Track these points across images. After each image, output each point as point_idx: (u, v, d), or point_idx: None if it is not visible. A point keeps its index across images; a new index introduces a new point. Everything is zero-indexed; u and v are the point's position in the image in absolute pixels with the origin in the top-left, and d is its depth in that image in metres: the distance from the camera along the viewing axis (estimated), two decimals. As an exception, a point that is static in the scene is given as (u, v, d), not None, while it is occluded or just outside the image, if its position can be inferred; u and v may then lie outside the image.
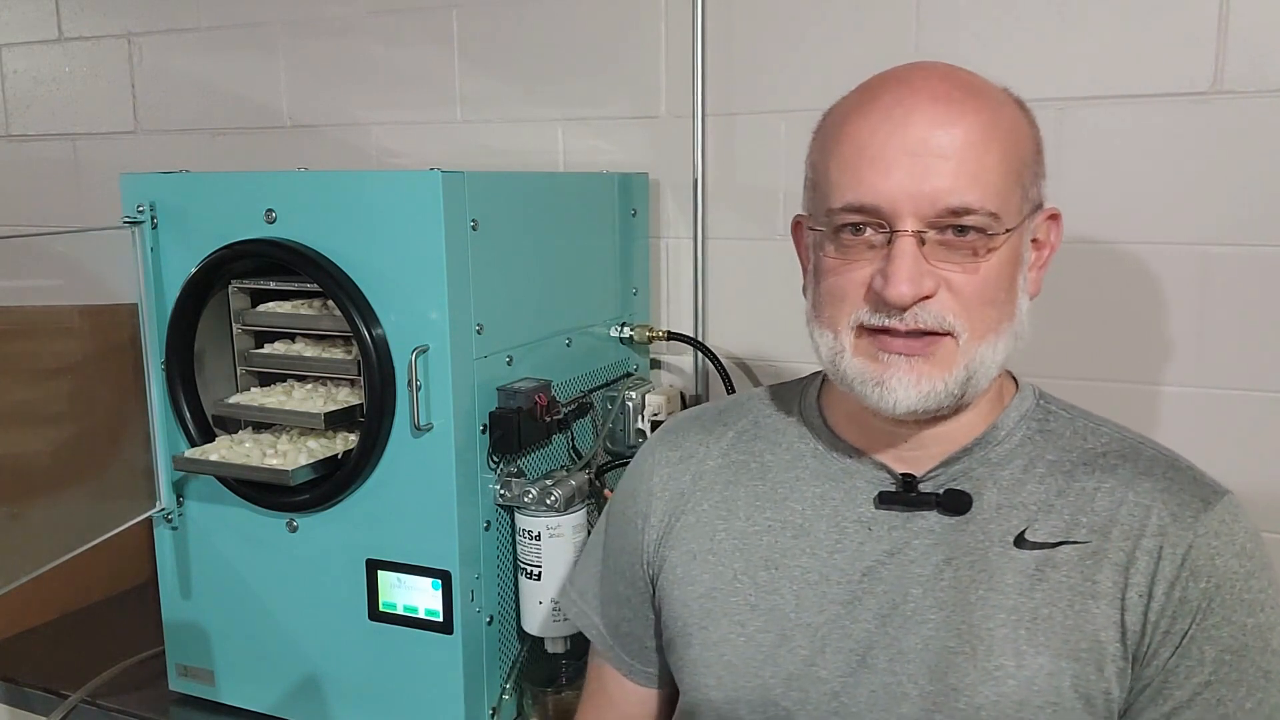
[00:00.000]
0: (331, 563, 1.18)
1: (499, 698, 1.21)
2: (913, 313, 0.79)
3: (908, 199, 0.77)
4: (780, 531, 0.91)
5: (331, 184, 1.12)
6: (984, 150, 0.78)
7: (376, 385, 1.10)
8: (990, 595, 0.82)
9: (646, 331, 1.47)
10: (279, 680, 1.24)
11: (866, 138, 0.80)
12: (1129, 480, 0.84)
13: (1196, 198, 1.25)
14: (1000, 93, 0.84)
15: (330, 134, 1.77)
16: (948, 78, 0.82)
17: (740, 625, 0.89)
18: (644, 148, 1.54)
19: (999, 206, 0.79)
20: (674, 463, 1.00)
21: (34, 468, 1.23)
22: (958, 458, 0.87)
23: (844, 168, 0.81)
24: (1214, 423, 1.28)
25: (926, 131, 0.78)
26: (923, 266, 0.78)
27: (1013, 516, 0.84)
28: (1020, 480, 0.86)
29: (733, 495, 0.95)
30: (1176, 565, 0.79)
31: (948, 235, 0.79)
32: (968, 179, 0.77)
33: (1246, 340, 1.25)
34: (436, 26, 1.65)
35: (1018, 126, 0.83)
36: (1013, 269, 0.82)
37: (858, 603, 0.86)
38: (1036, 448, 0.88)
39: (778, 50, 1.43)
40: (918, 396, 0.81)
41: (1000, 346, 0.82)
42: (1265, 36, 1.20)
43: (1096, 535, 0.82)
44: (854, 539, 0.88)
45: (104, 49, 1.94)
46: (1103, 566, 0.81)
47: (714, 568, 0.92)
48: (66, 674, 1.38)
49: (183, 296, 1.18)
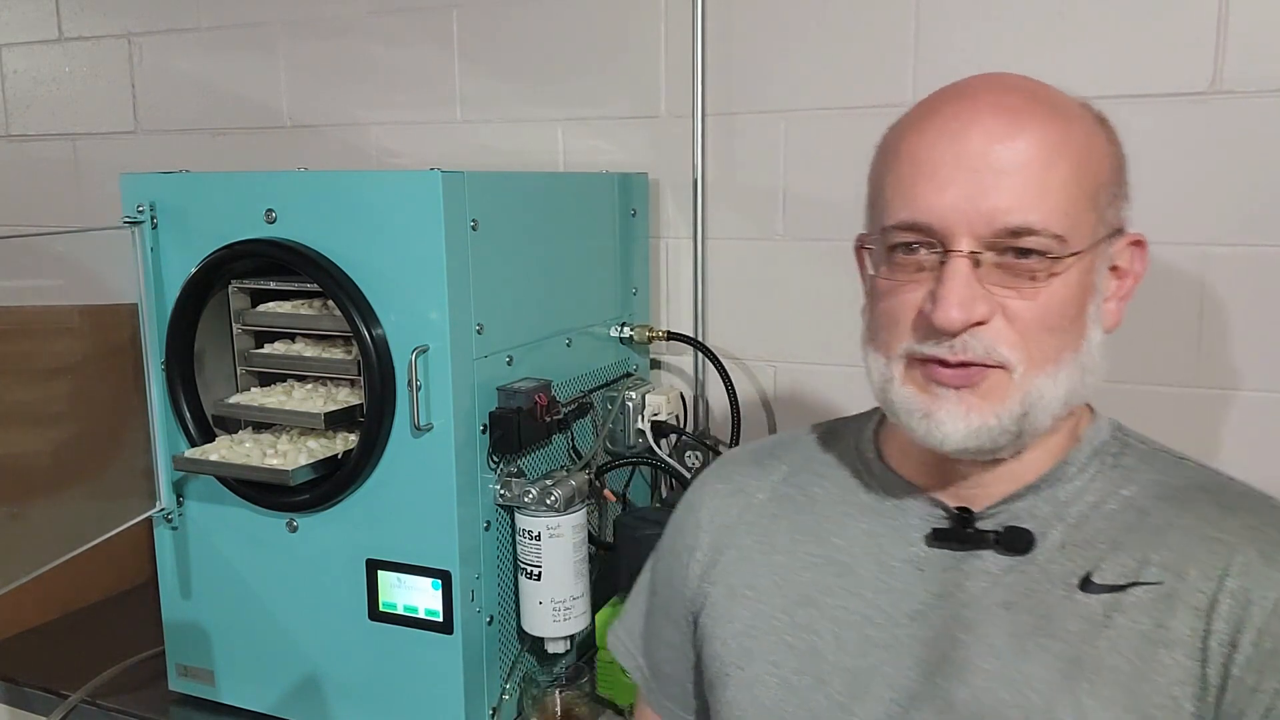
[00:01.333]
0: (331, 563, 1.18)
1: (499, 698, 1.21)
2: (963, 340, 0.73)
3: (963, 217, 0.72)
4: (823, 568, 0.85)
5: (331, 184, 1.12)
6: (1050, 166, 0.72)
7: (376, 385, 1.10)
8: (1051, 644, 0.74)
9: (646, 331, 1.47)
10: (279, 680, 1.24)
11: (923, 152, 0.75)
12: (1211, 516, 0.75)
13: (1196, 197, 1.25)
14: (1075, 105, 0.78)
15: (330, 134, 1.77)
16: (1014, 88, 0.76)
17: (775, 665, 0.84)
18: (644, 147, 1.54)
19: (1065, 229, 0.72)
20: (722, 495, 0.94)
21: (34, 468, 1.23)
22: (1021, 494, 0.80)
23: (898, 184, 0.76)
24: (1214, 423, 1.28)
25: (985, 145, 0.72)
26: (977, 290, 0.72)
27: (1078, 557, 0.77)
28: (1089, 518, 0.78)
29: (775, 529, 0.89)
30: (1267, 612, 0.70)
31: (1007, 258, 0.72)
32: (1030, 197, 0.71)
33: (1246, 340, 1.25)
34: (436, 26, 1.65)
35: (1092, 142, 0.76)
36: (1080, 297, 0.75)
37: (903, 648, 0.79)
38: (1110, 483, 0.80)
39: (778, 50, 1.43)
40: (967, 432, 0.74)
41: (1062, 379, 0.75)
42: (1265, 36, 1.20)
43: (1170, 574, 0.73)
44: (902, 579, 0.81)
45: (104, 49, 1.94)
46: (1177, 610, 0.72)
47: (753, 605, 0.87)
48: (66, 674, 1.38)
49: (183, 296, 1.18)
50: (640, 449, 1.44)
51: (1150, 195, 1.26)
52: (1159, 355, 1.29)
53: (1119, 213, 0.78)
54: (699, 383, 1.55)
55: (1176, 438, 1.32)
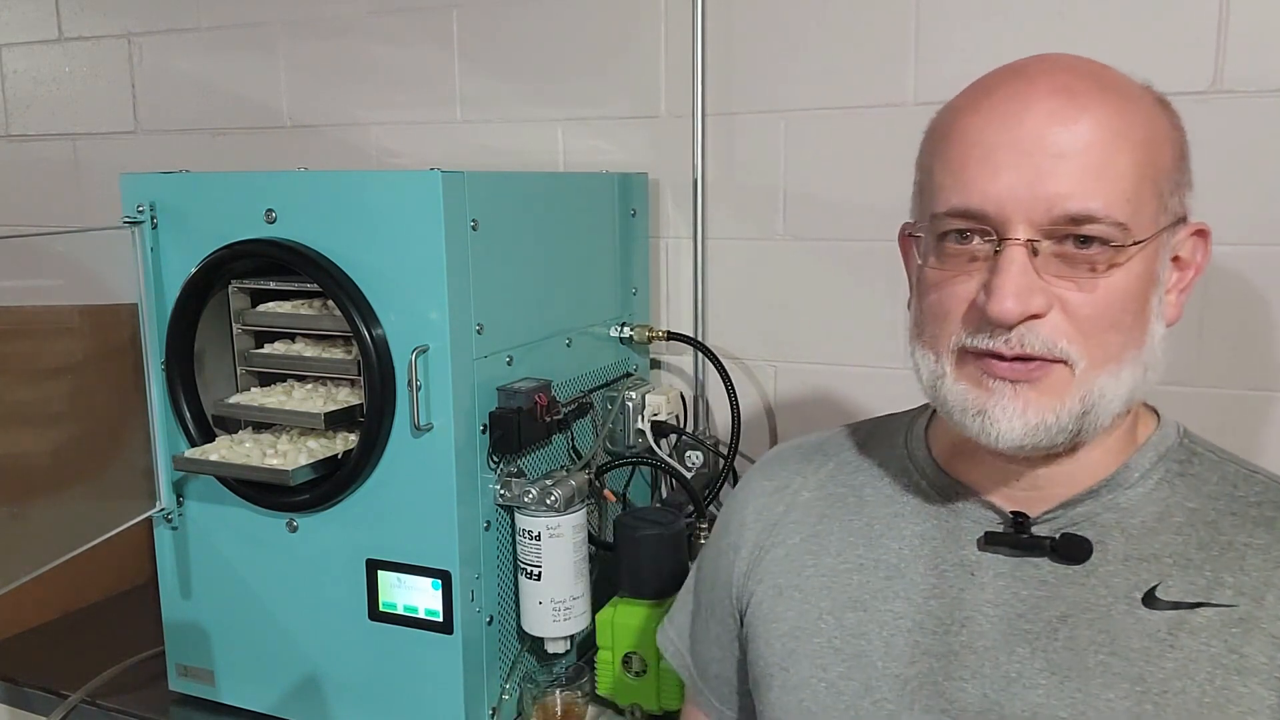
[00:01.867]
0: (331, 563, 1.18)
1: (499, 698, 1.21)
2: (1019, 334, 0.69)
3: (1019, 203, 0.68)
4: (872, 571, 0.82)
5: (331, 184, 1.12)
6: (1112, 150, 0.68)
7: (376, 385, 1.10)
8: (1112, 661, 0.71)
9: (646, 331, 1.47)
10: (279, 680, 1.24)
11: (976, 136, 0.71)
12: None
13: (1196, 197, 1.25)
14: (1137, 87, 0.74)
15: (330, 134, 1.77)
16: (1072, 69, 0.72)
17: (822, 669, 0.81)
18: (644, 147, 1.54)
19: (1128, 216, 0.68)
20: (768, 493, 0.92)
21: (34, 468, 1.23)
22: (1080, 499, 0.76)
23: (950, 169, 0.72)
24: (1214, 423, 1.28)
25: (1043, 128, 0.68)
26: (1034, 281, 0.68)
27: (1142, 570, 0.73)
28: (1153, 529, 0.75)
29: (825, 530, 0.87)
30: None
31: (1066, 246, 0.69)
32: (1091, 182, 0.68)
33: (1246, 340, 1.25)
34: (436, 26, 1.65)
35: (1155, 126, 0.72)
36: (1144, 289, 0.71)
37: (955, 657, 0.76)
38: (1176, 493, 0.76)
39: (778, 50, 1.43)
40: (1024, 430, 0.71)
41: (1125, 377, 0.71)
42: (1265, 36, 1.20)
43: (1246, 599, 0.70)
44: (954, 584, 0.78)
45: (104, 49, 1.94)
46: (1253, 636, 0.69)
47: (799, 605, 0.84)
48: (66, 674, 1.38)
49: (183, 296, 1.18)
50: (640, 449, 1.44)
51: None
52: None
53: (1182, 200, 0.75)
54: (699, 383, 1.55)
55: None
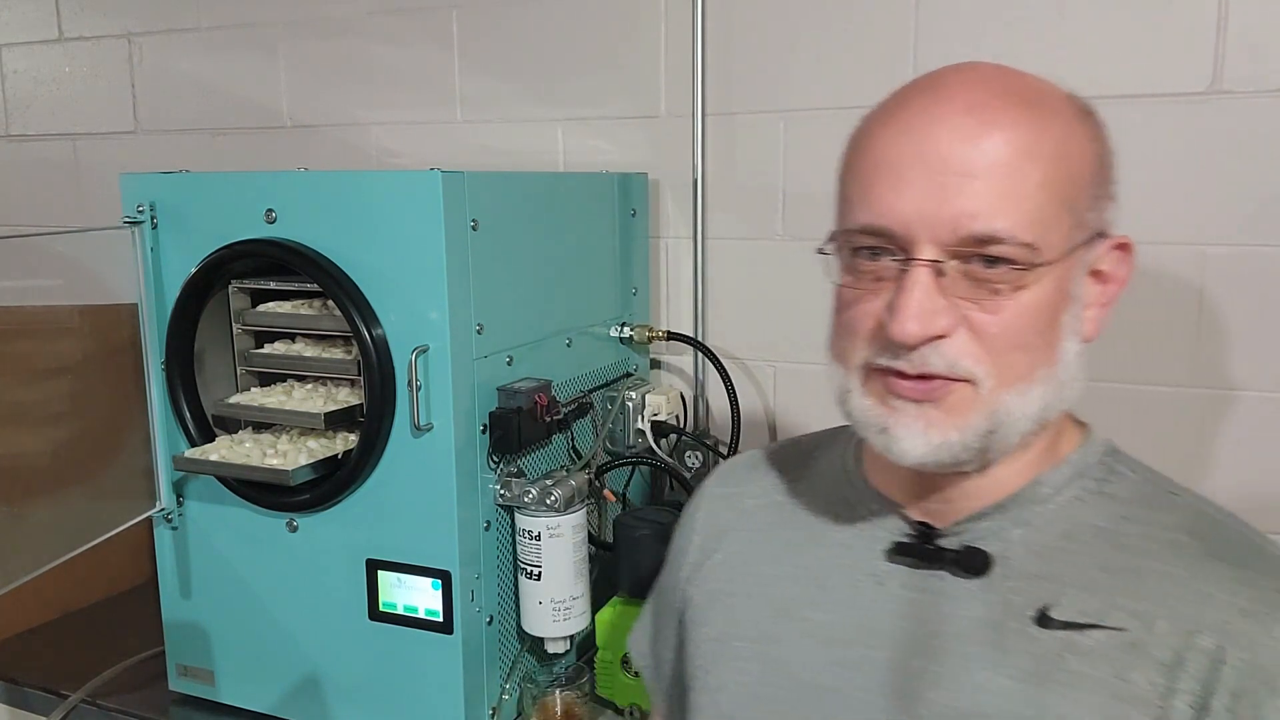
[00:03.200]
0: (331, 563, 1.18)
1: (499, 698, 1.21)
2: (922, 354, 0.68)
3: (925, 223, 0.67)
4: (800, 580, 0.83)
5: (331, 184, 1.12)
6: (1021, 169, 0.67)
7: (376, 385, 1.10)
8: (1000, 680, 0.70)
9: (646, 331, 1.47)
10: (279, 680, 1.24)
11: (885, 151, 0.70)
12: (1194, 561, 0.70)
13: (1195, 197, 1.25)
14: (1058, 99, 0.72)
15: (330, 134, 1.77)
16: (987, 83, 0.71)
17: (741, 674, 0.82)
18: (644, 147, 1.54)
19: (1036, 236, 0.67)
20: (718, 498, 0.94)
21: (34, 468, 1.23)
22: (988, 513, 0.75)
23: (860, 184, 0.72)
24: (1213, 423, 1.28)
25: (951, 146, 0.67)
26: (938, 302, 0.67)
27: (1040, 588, 0.72)
28: (1059, 547, 0.73)
29: (764, 538, 0.87)
30: (1244, 674, 0.64)
31: (973, 266, 0.67)
32: (998, 202, 0.66)
33: (1245, 340, 1.25)
34: (436, 26, 1.65)
35: (1071, 140, 0.71)
36: (1054, 309, 0.70)
37: (862, 669, 0.76)
38: (1087, 511, 0.75)
39: (778, 50, 1.43)
40: (926, 448, 0.70)
41: (1034, 396, 0.70)
42: (1265, 36, 1.20)
43: (1137, 623, 0.68)
44: (867, 594, 0.78)
45: (104, 49, 1.94)
46: (1139, 663, 0.67)
47: (729, 611, 0.85)
48: (66, 674, 1.38)
49: (183, 296, 1.18)
50: (640, 449, 1.44)
51: (1149, 195, 1.27)
52: (1157, 355, 1.29)
53: (1101, 215, 0.73)
54: (699, 383, 1.55)
55: (1174, 438, 1.33)
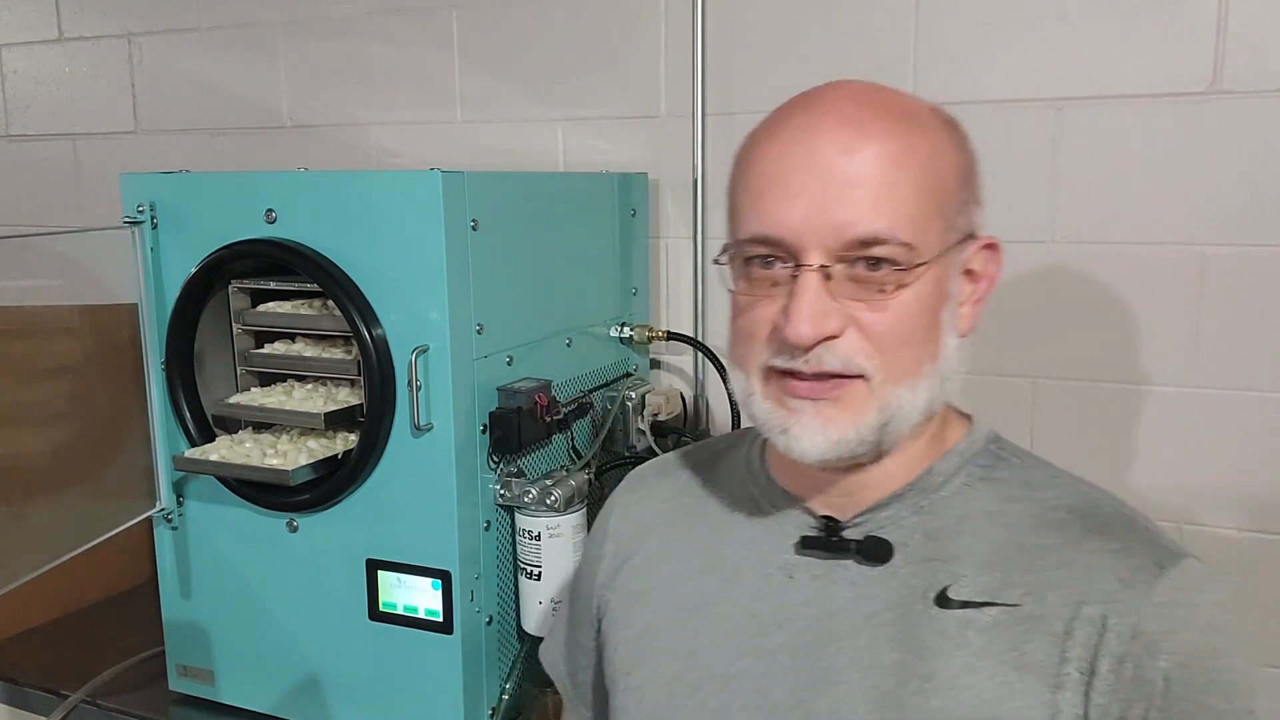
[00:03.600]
0: (331, 563, 1.18)
1: (499, 698, 1.21)
2: (817, 354, 0.73)
3: (812, 230, 0.72)
4: (710, 575, 0.86)
5: (331, 184, 1.12)
6: (896, 176, 0.72)
7: (376, 385, 1.10)
8: (906, 659, 0.74)
9: (646, 331, 1.47)
10: (279, 680, 1.24)
11: (772, 165, 0.75)
12: (1076, 538, 0.75)
13: (1194, 197, 1.25)
14: (925, 114, 0.78)
15: (330, 134, 1.77)
16: (859, 99, 0.76)
17: (659, 670, 0.85)
18: (644, 147, 1.54)
19: (913, 237, 0.72)
20: (629, 504, 0.97)
21: (34, 468, 1.23)
22: (887, 503, 0.80)
23: (749, 197, 0.76)
24: (1211, 423, 1.28)
25: (832, 157, 0.73)
26: (828, 304, 0.72)
27: (939, 571, 0.77)
28: (954, 532, 0.78)
29: (674, 538, 0.91)
30: (1126, 639, 0.70)
31: (858, 269, 0.73)
32: (877, 207, 0.72)
33: (1244, 340, 1.25)
34: (436, 26, 1.65)
35: (939, 151, 0.76)
36: (935, 305, 0.75)
37: (772, 657, 0.80)
38: (977, 497, 0.80)
39: (778, 50, 1.43)
40: (825, 445, 0.75)
41: (921, 389, 0.75)
42: (1264, 36, 1.20)
43: (1030, 598, 0.73)
44: (776, 587, 0.82)
45: (104, 49, 1.94)
46: (1034, 635, 0.72)
47: (646, 612, 0.89)
48: (66, 674, 1.38)
49: (183, 296, 1.18)
50: (640, 449, 1.44)
51: (1149, 195, 1.27)
52: (1156, 355, 1.29)
53: (970, 218, 0.78)
54: (699, 383, 1.55)
55: (1173, 438, 1.33)
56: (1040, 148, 1.31)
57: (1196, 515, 1.30)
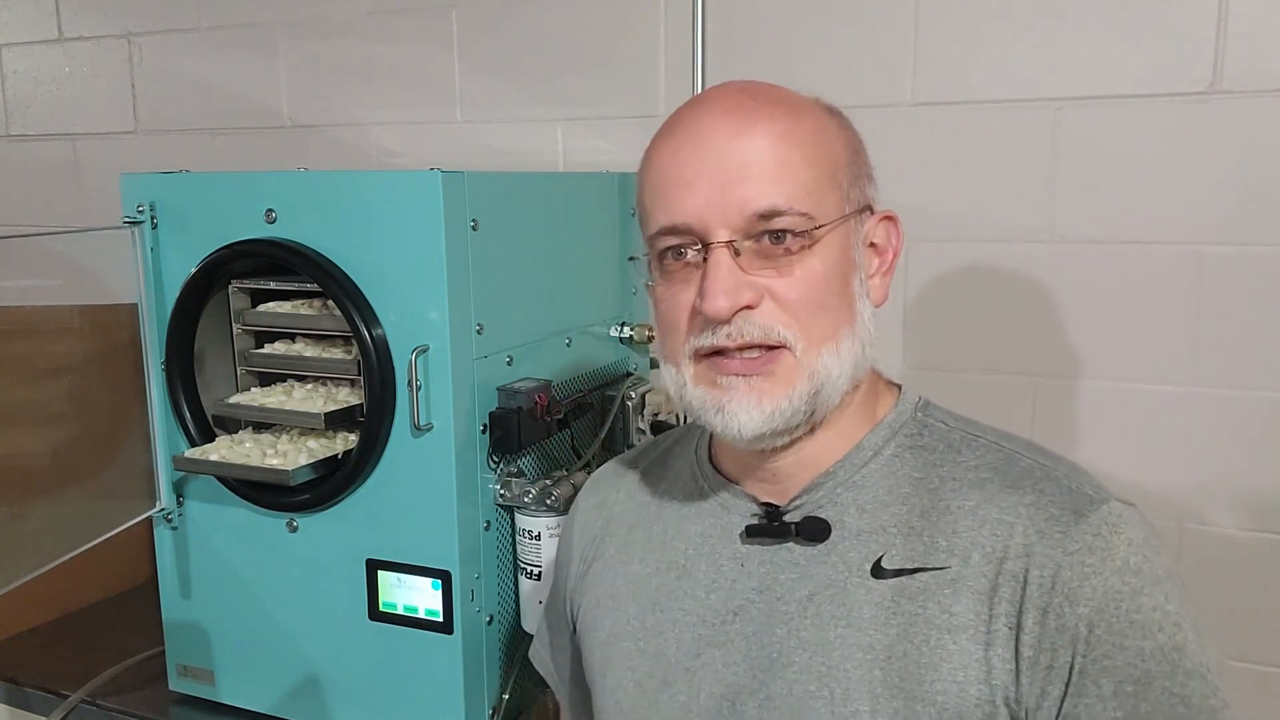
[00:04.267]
0: (331, 563, 1.18)
1: (499, 698, 1.21)
2: (736, 325, 0.76)
3: (716, 211, 0.76)
4: (667, 573, 0.88)
5: (331, 184, 1.12)
6: (785, 153, 0.77)
7: (376, 385, 1.10)
8: (848, 633, 0.77)
9: (646, 331, 1.46)
10: (279, 680, 1.24)
11: (669, 160, 0.80)
12: (994, 495, 0.77)
13: (1194, 197, 1.25)
14: (804, 101, 0.83)
15: (330, 134, 1.77)
16: (743, 90, 0.81)
17: (631, 670, 0.87)
18: (644, 147, 1.53)
19: (810, 207, 0.76)
20: (590, 509, 1.00)
21: (34, 468, 1.23)
22: (821, 482, 0.82)
23: (653, 194, 0.81)
24: (1211, 422, 1.28)
25: (724, 143, 0.77)
26: (740, 277, 0.76)
27: (872, 543, 0.79)
28: (883, 502, 0.80)
29: (633, 539, 0.93)
30: (1046, 589, 0.72)
31: (763, 243, 0.76)
32: (771, 182, 0.76)
33: (1243, 339, 1.25)
34: (436, 26, 1.65)
35: (822, 129, 0.81)
36: (843, 271, 0.79)
37: (730, 644, 0.82)
38: (905, 465, 0.81)
39: (777, 51, 1.43)
40: (761, 418, 0.77)
41: (844, 353, 0.78)
42: (1264, 36, 1.20)
43: (956, 560, 0.75)
44: (728, 577, 0.84)
45: (104, 49, 1.94)
46: (961, 595, 0.74)
47: (612, 613, 0.91)
48: (66, 674, 1.38)
49: (183, 296, 1.18)
50: (640, 449, 1.44)
51: (1149, 195, 1.27)
52: (1155, 354, 1.29)
53: (864, 191, 0.82)
54: (699, 383, 1.54)
55: (1173, 437, 1.33)
56: (1040, 148, 1.31)
57: (1196, 514, 1.30)
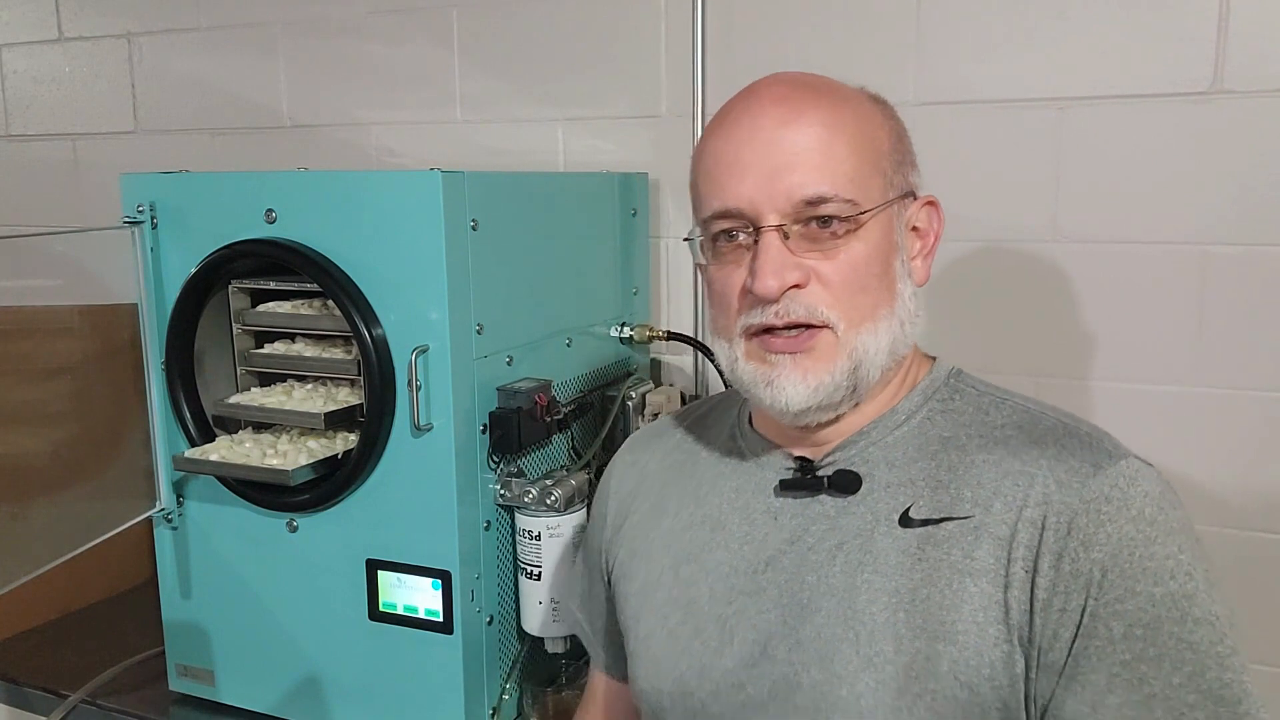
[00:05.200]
0: (331, 563, 1.18)
1: (499, 698, 1.21)
2: (784, 304, 0.81)
3: (766, 197, 0.81)
4: (701, 526, 0.93)
5: (331, 184, 1.12)
6: (830, 141, 0.81)
7: (376, 385, 1.10)
8: (874, 579, 0.81)
9: (646, 331, 1.47)
10: (279, 680, 1.24)
11: (722, 148, 0.84)
12: (1018, 449, 0.82)
13: (1196, 197, 1.25)
14: (850, 90, 0.87)
15: (330, 134, 1.77)
16: (791, 81, 0.86)
17: (664, 619, 0.92)
18: (644, 147, 1.54)
19: (854, 193, 0.81)
20: (627, 465, 1.05)
21: (34, 468, 1.23)
22: (854, 441, 0.88)
23: (707, 180, 0.86)
24: (1213, 423, 1.28)
25: (773, 132, 0.82)
26: (788, 259, 0.81)
27: (900, 494, 0.84)
28: (913, 458, 0.85)
29: (667, 495, 0.98)
30: (1062, 535, 0.76)
31: (811, 227, 0.81)
32: (817, 170, 0.81)
33: (1246, 340, 1.25)
34: (436, 26, 1.65)
35: (867, 117, 0.85)
36: (885, 254, 0.84)
37: (762, 593, 0.86)
38: (935, 426, 0.87)
39: (777, 50, 1.43)
40: (807, 392, 0.82)
41: (882, 332, 0.83)
42: (1265, 36, 1.20)
43: (979, 509, 0.80)
44: (761, 529, 0.89)
45: (104, 49, 1.94)
46: (982, 541, 0.78)
47: (647, 565, 0.96)
48: (66, 674, 1.38)
49: (183, 296, 1.18)
50: (640, 449, 1.43)
51: (1150, 195, 1.27)
52: (1158, 354, 1.29)
53: (907, 177, 0.87)
54: (699, 383, 1.54)
55: (1174, 437, 1.33)
56: (1042, 147, 1.31)
57: (1197, 514, 1.29)
